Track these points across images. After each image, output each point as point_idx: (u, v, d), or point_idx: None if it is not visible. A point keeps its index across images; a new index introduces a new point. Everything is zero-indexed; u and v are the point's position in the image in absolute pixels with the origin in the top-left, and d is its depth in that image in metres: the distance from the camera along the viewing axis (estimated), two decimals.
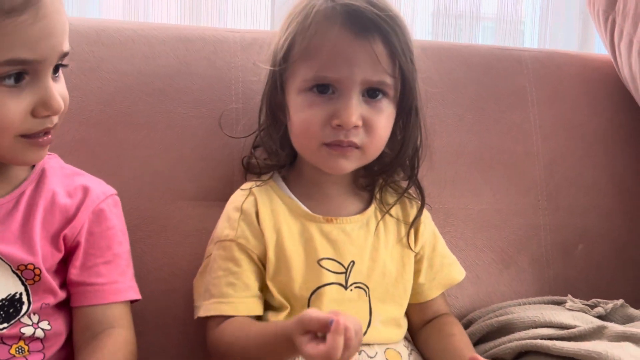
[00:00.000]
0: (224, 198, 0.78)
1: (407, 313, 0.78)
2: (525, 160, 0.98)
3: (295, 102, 0.71)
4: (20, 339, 0.62)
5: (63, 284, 0.66)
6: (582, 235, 0.99)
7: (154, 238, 0.81)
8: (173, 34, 0.87)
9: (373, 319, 0.73)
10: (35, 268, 0.62)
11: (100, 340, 0.64)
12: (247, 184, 0.77)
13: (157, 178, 0.82)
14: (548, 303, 0.89)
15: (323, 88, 0.69)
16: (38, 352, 0.63)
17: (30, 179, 0.66)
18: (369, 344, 0.71)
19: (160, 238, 0.81)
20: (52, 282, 0.64)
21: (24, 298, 0.62)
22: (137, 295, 0.70)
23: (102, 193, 0.69)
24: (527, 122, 0.99)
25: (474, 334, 0.84)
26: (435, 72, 0.95)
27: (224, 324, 0.69)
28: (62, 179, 0.67)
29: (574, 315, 0.81)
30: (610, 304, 0.85)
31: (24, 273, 0.62)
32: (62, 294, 0.65)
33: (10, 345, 0.62)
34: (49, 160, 0.68)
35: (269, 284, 0.72)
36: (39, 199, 0.64)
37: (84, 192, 0.67)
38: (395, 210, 0.78)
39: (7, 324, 0.61)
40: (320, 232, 0.74)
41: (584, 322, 0.79)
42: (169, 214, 0.82)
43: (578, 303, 0.86)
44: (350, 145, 0.70)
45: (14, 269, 0.62)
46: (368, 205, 0.78)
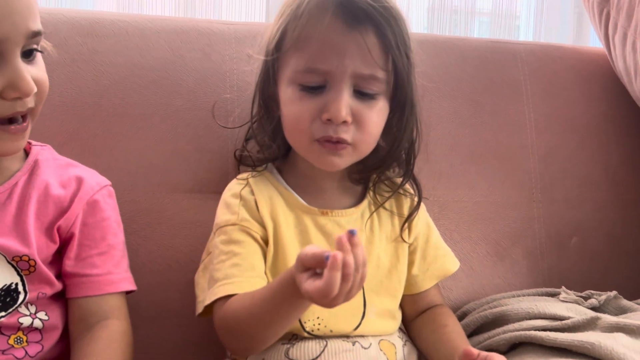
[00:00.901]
0: (219, 190, 0.78)
1: (401, 304, 0.78)
2: (520, 153, 0.98)
3: (286, 94, 0.70)
4: (19, 330, 0.62)
5: (59, 275, 0.66)
6: (576, 228, 0.99)
7: (149, 230, 0.80)
8: (167, 26, 0.86)
9: (367, 311, 0.72)
10: (30, 259, 0.62)
11: (96, 332, 0.64)
12: (242, 174, 0.77)
13: (151, 170, 0.82)
14: (542, 295, 0.89)
15: (313, 85, 0.68)
16: (36, 343, 0.63)
17: (23, 170, 0.65)
18: (363, 336, 0.71)
19: (155, 230, 0.81)
20: (48, 272, 0.64)
21: (20, 288, 0.62)
22: (132, 286, 0.70)
23: (96, 184, 0.69)
24: (521, 115, 0.99)
25: (469, 326, 0.84)
26: (431, 65, 0.95)
27: (229, 301, 0.66)
28: (55, 170, 0.67)
29: (568, 307, 0.82)
30: (604, 296, 0.86)
31: (19, 264, 0.62)
32: (58, 285, 0.65)
33: (9, 336, 0.62)
34: (42, 152, 0.68)
35: (268, 274, 0.71)
36: (32, 191, 0.64)
37: (78, 182, 0.67)
38: (389, 204, 0.78)
39: (4, 313, 0.61)
40: (315, 224, 0.73)
41: (578, 313, 0.80)
42: (164, 206, 0.82)
43: (572, 295, 0.86)
44: (340, 142, 0.69)
45: (9, 260, 0.62)
46: (362, 199, 0.77)
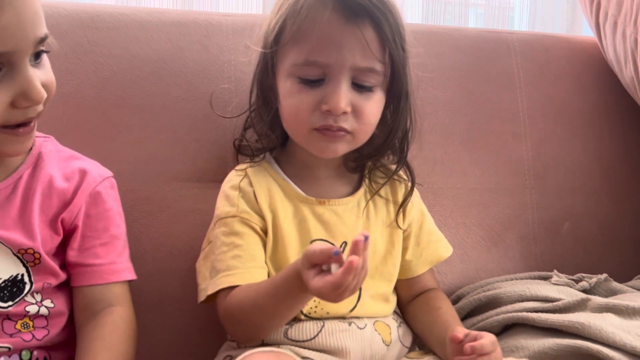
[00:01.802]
0: (218, 179, 0.80)
1: (396, 288, 0.80)
2: (513, 141, 1.00)
3: (285, 86, 0.72)
4: (25, 316, 0.64)
5: (63, 265, 0.68)
6: (568, 214, 1.01)
7: (150, 219, 0.82)
8: (166, 19, 0.88)
9: (362, 294, 0.74)
10: (35, 252, 0.64)
11: (101, 318, 0.66)
12: (241, 165, 0.78)
13: (151, 160, 0.84)
14: (534, 278, 0.91)
15: (312, 78, 0.69)
16: (43, 328, 0.65)
17: (27, 163, 0.66)
18: (359, 317, 0.73)
19: (156, 218, 0.82)
20: (52, 264, 0.65)
21: (26, 279, 0.64)
22: (132, 276, 0.71)
23: (98, 176, 0.70)
24: (514, 103, 1.01)
25: (463, 309, 0.86)
26: (426, 55, 0.95)
27: (233, 292, 0.68)
28: (58, 163, 0.68)
29: (559, 289, 0.84)
30: (594, 278, 0.88)
31: (25, 256, 0.64)
32: (63, 275, 0.67)
33: (16, 321, 0.63)
34: (45, 144, 0.69)
35: (268, 264, 0.73)
36: (37, 184, 0.65)
37: (81, 175, 0.68)
38: (385, 191, 0.80)
39: (12, 302, 0.63)
40: (313, 213, 0.75)
41: (569, 295, 0.82)
42: (164, 195, 0.83)
43: (563, 278, 0.89)
44: (340, 130, 0.71)
45: (15, 252, 0.63)
46: (358, 187, 0.79)
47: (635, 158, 1.06)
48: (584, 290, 0.86)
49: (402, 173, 0.81)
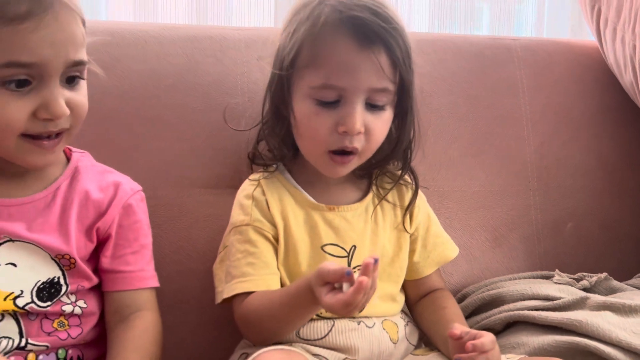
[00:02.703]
0: (233, 185, 0.84)
1: (405, 288, 0.84)
2: (516, 144, 1.03)
3: (302, 107, 0.75)
4: (61, 315, 0.69)
5: (95, 270, 0.73)
6: (571, 214, 1.04)
7: (170, 223, 0.87)
8: (182, 34, 0.92)
9: None
10: (71, 257, 0.69)
11: (131, 321, 0.70)
12: (254, 175, 0.83)
13: (171, 168, 0.88)
14: (537, 278, 0.95)
15: (329, 100, 0.73)
16: (77, 326, 0.70)
17: (65, 175, 0.71)
18: (368, 317, 0.77)
19: (176, 223, 0.87)
20: (86, 269, 0.70)
21: (62, 281, 0.69)
22: (157, 284, 0.76)
23: (130, 189, 0.75)
24: (517, 108, 1.04)
25: (467, 307, 0.90)
26: (429, 62, 1.00)
27: (248, 298, 0.73)
28: (94, 176, 0.73)
29: (560, 288, 0.87)
30: (595, 277, 0.91)
31: (61, 261, 0.69)
32: (95, 279, 0.72)
33: (53, 320, 0.68)
34: (82, 159, 0.74)
35: (280, 269, 0.77)
36: (74, 195, 0.70)
37: (115, 188, 0.73)
38: (392, 196, 0.84)
39: (50, 302, 0.68)
40: (324, 219, 0.79)
41: (569, 294, 0.85)
42: (183, 201, 0.88)
43: (565, 277, 0.92)
44: (353, 152, 0.75)
45: (52, 257, 0.68)
46: (366, 193, 0.83)
47: (636, 158, 1.09)
48: (585, 289, 0.89)
49: (407, 178, 0.85)
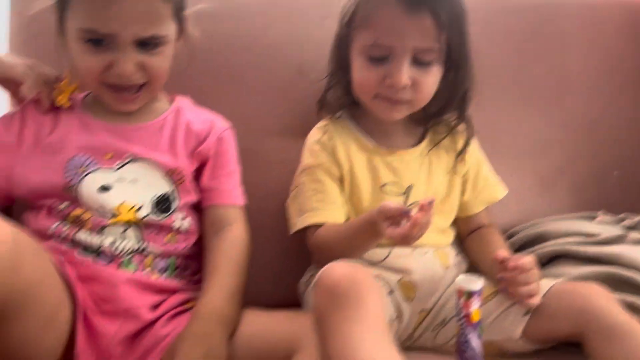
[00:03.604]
0: (302, 133, 0.94)
1: (456, 224, 0.94)
2: (566, 96, 1.09)
3: (356, 62, 0.85)
4: (171, 231, 0.82)
5: (195, 190, 0.85)
6: (617, 162, 1.09)
7: (249, 166, 0.95)
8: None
9: None
10: (180, 172, 0.83)
11: (223, 234, 0.84)
12: (322, 123, 0.93)
13: (247, 117, 0.99)
14: (581, 218, 1.01)
15: (378, 57, 0.82)
16: (182, 242, 0.83)
17: (170, 111, 0.87)
18: (422, 246, 0.86)
19: (254, 166, 0.96)
20: (192, 184, 0.84)
21: (175, 195, 0.82)
22: (244, 202, 0.89)
23: (222, 125, 0.89)
24: (567, 62, 1.10)
25: (514, 244, 0.98)
26: (484, 21, 1.06)
27: (319, 230, 0.85)
28: (194, 113, 0.88)
29: (602, 227, 0.94)
30: (638, 217, 0.96)
31: (173, 176, 0.83)
32: (197, 196, 0.86)
33: (165, 234, 0.82)
34: (182, 100, 0.89)
35: (346, 205, 0.87)
36: (179, 124, 0.85)
37: (211, 123, 0.88)
38: (446, 142, 0.92)
39: (165, 215, 0.82)
40: (383, 162, 0.89)
41: (609, 231, 0.91)
42: (258, 147, 0.99)
43: (608, 217, 0.98)
44: (399, 102, 0.84)
45: (165, 173, 0.82)
46: (422, 139, 0.92)
47: None
48: (627, 228, 0.95)
49: (461, 126, 0.93)
